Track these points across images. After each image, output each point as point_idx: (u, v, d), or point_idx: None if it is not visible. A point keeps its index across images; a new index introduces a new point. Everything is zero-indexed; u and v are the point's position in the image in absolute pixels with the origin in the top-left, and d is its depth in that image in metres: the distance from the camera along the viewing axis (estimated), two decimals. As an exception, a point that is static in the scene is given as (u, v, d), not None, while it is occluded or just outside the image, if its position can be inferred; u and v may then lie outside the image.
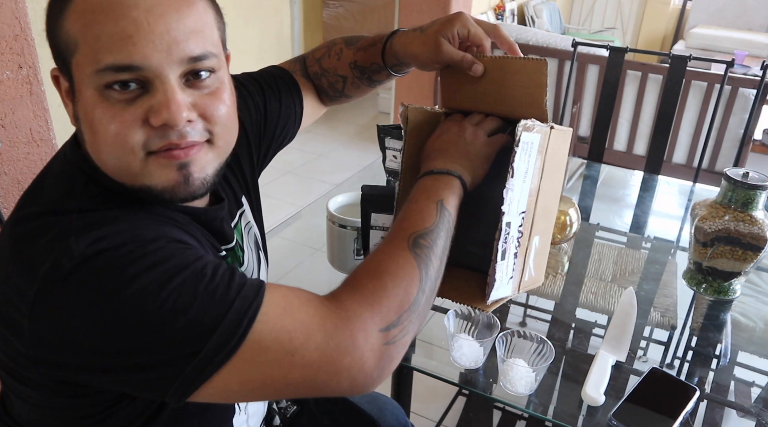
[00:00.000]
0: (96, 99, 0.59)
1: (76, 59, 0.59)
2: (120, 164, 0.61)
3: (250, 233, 0.87)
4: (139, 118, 0.59)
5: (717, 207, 1.12)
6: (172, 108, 0.58)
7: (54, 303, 0.56)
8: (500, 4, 4.60)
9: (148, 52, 0.57)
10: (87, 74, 0.58)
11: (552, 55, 3.18)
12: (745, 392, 1.01)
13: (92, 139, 0.61)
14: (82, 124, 0.62)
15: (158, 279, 0.55)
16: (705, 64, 3.45)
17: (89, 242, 0.56)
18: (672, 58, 1.86)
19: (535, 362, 0.92)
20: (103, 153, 0.61)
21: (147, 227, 0.61)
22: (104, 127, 0.59)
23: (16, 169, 1.31)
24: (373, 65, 0.92)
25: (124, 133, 0.59)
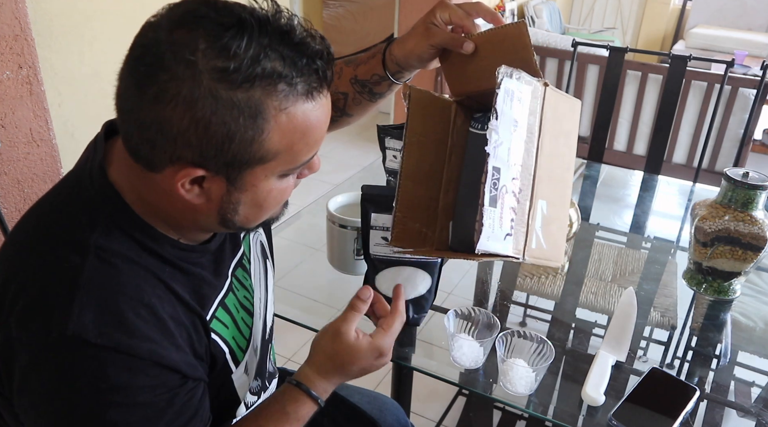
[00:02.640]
0: (275, 183, 0.65)
1: (266, 165, 0.61)
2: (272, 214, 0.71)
3: (257, 242, 0.88)
4: (296, 177, 0.69)
5: (717, 207, 1.12)
6: (317, 165, 0.70)
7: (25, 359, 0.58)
8: (500, 4, 4.60)
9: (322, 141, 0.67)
10: (274, 172, 0.63)
11: (552, 55, 3.18)
12: (745, 392, 1.01)
13: (255, 210, 0.66)
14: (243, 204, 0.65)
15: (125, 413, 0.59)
16: (705, 64, 3.45)
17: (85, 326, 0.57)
18: (672, 58, 1.86)
19: (535, 362, 0.92)
20: (263, 216, 0.69)
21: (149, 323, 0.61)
22: (278, 197, 0.67)
23: (16, 169, 1.31)
24: (374, 77, 0.94)
25: (289, 191, 0.69)
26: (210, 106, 0.55)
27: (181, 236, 0.69)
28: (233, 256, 0.79)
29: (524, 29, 0.81)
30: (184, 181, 0.60)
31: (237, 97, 0.55)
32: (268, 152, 0.60)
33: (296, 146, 0.61)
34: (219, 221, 0.66)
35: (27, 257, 0.62)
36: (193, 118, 0.55)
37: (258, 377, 0.87)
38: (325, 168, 1.16)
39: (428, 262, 1.00)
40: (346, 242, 1.13)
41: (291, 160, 0.62)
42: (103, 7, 1.77)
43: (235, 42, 0.54)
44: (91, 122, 1.90)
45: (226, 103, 0.55)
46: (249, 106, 0.56)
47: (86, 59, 1.76)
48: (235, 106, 0.55)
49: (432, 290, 1.03)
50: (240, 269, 0.80)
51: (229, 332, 0.75)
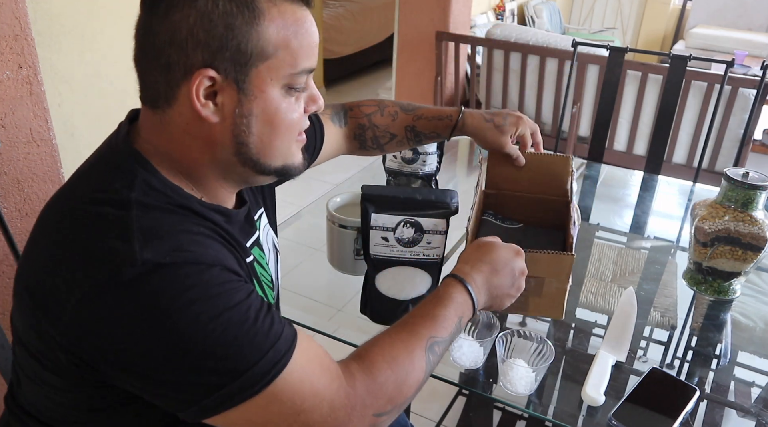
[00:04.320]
0: (282, 95, 0.68)
1: (268, 63, 0.66)
2: (286, 147, 0.72)
3: (268, 236, 0.90)
4: (302, 108, 0.72)
5: (717, 207, 1.12)
6: (320, 98, 0.74)
7: (105, 305, 0.59)
8: (500, 4, 4.61)
9: (317, 55, 0.71)
10: (280, 76, 0.67)
11: (552, 55, 3.18)
12: (745, 392, 1.01)
13: (267, 131, 0.69)
14: (254, 117, 0.68)
15: (210, 311, 0.60)
16: (705, 64, 3.45)
17: (152, 253, 0.60)
18: (672, 58, 1.86)
19: (535, 362, 0.92)
20: (277, 141, 0.70)
21: (204, 244, 0.65)
22: (288, 116, 0.70)
23: (16, 169, 1.31)
24: (433, 134, 1.13)
25: (299, 120, 0.72)
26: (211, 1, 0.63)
27: (204, 193, 0.72)
28: (250, 234, 0.81)
29: (570, 161, 1.13)
30: (199, 93, 0.64)
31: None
32: (268, 44, 0.65)
33: (292, 44, 0.66)
34: (236, 149, 0.69)
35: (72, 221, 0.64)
36: (198, 13, 0.63)
37: None
38: (325, 168, 1.16)
39: (428, 262, 1.00)
40: (346, 242, 1.13)
41: (291, 61, 0.67)
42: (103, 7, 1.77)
43: None
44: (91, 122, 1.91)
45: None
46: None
47: (86, 59, 1.76)
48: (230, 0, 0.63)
49: (432, 290, 1.03)
50: (256, 248, 0.82)
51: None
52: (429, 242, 0.98)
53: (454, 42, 3.47)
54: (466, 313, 0.81)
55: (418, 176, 1.28)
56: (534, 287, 0.99)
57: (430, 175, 1.29)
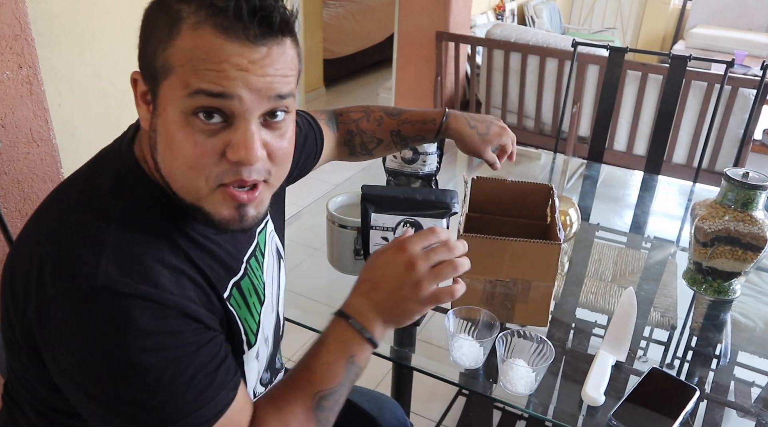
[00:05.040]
0: (181, 122, 0.61)
1: (169, 80, 0.61)
2: (189, 186, 0.64)
3: (272, 242, 0.90)
4: (218, 151, 0.62)
5: (717, 207, 1.12)
6: (252, 148, 0.62)
7: (59, 313, 0.60)
8: (500, 4, 4.60)
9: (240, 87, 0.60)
10: (174, 95, 0.61)
11: (552, 55, 3.18)
12: (745, 392, 1.01)
13: (167, 155, 0.64)
14: (159, 136, 0.64)
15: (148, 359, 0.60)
16: (705, 64, 3.45)
17: (116, 277, 0.60)
18: (672, 58, 1.86)
19: (535, 362, 0.92)
20: (176, 170, 0.64)
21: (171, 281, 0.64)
22: (184, 150, 0.62)
23: (16, 169, 1.31)
24: (418, 137, 1.14)
25: (203, 162, 0.62)
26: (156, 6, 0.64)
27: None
28: (248, 245, 0.81)
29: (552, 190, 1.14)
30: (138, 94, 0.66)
31: (173, 5, 0.62)
32: (168, 62, 0.61)
33: (188, 64, 0.60)
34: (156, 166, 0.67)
35: (56, 223, 0.65)
36: (145, 14, 0.64)
37: (268, 369, 0.88)
38: (325, 168, 1.16)
39: (428, 262, 1.00)
40: (346, 242, 1.13)
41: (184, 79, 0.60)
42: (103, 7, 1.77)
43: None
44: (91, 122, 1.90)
45: (162, 7, 0.62)
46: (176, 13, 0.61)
47: (86, 59, 1.76)
48: (167, 12, 0.62)
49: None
50: (253, 259, 0.81)
51: (241, 313, 0.76)
52: (429, 242, 0.98)
53: (454, 42, 3.47)
54: (358, 349, 0.72)
55: (418, 176, 1.28)
56: (520, 293, 1.00)
57: (430, 175, 1.29)
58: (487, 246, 0.98)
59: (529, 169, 2.04)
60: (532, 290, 1.00)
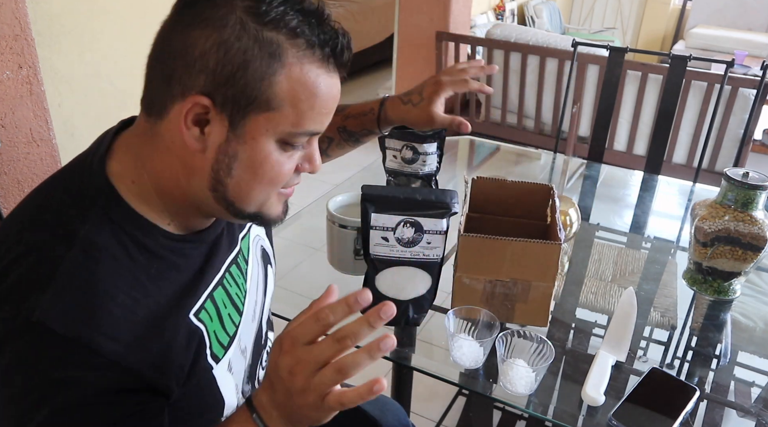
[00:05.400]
0: (274, 148, 0.65)
1: (270, 115, 0.63)
2: (263, 198, 0.69)
3: (258, 246, 0.88)
4: (295, 165, 0.69)
5: (717, 207, 1.12)
6: (318, 161, 0.71)
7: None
8: (500, 4, 4.60)
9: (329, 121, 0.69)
10: (278, 131, 0.64)
11: (552, 55, 3.18)
12: (745, 392, 1.01)
13: (248, 177, 0.66)
14: (237, 161, 0.64)
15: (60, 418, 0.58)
16: (705, 64, 3.45)
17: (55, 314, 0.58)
18: (672, 58, 1.86)
19: (535, 362, 0.92)
20: (255, 190, 0.67)
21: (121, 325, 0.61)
22: (274, 170, 0.66)
23: (16, 169, 1.31)
24: (364, 131, 1.07)
25: (286, 175, 0.68)
26: (236, 33, 0.60)
27: (173, 219, 0.69)
28: (229, 252, 0.79)
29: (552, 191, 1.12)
30: (188, 116, 0.62)
31: (262, 33, 0.60)
32: (275, 97, 0.62)
33: (302, 105, 0.63)
34: (211, 184, 0.65)
35: (15, 243, 0.62)
36: (218, 40, 0.60)
37: (250, 381, 0.85)
38: (325, 168, 1.16)
39: (428, 262, 1.00)
40: (346, 242, 1.13)
41: (294, 120, 0.64)
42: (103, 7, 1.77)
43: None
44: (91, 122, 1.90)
45: (250, 35, 0.60)
46: (270, 44, 0.60)
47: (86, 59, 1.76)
48: (257, 41, 0.60)
49: (432, 290, 1.03)
50: (234, 267, 0.80)
51: (212, 326, 0.73)
52: (429, 242, 0.98)
53: (454, 42, 3.47)
54: None
55: (418, 176, 1.28)
56: (520, 293, 1.00)
57: (430, 175, 1.28)
58: (487, 246, 0.98)
59: (529, 169, 2.04)
60: (532, 290, 1.00)
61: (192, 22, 0.60)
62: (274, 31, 0.60)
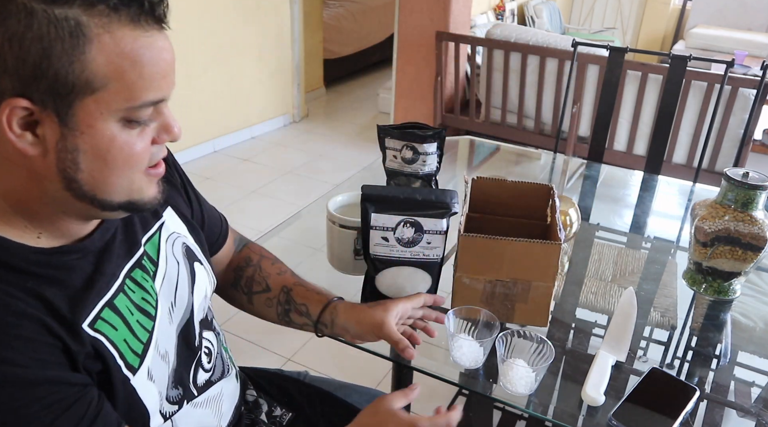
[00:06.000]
0: (117, 130, 0.60)
1: (97, 96, 0.58)
2: (127, 184, 0.64)
3: (176, 245, 0.83)
4: (150, 139, 0.64)
5: (717, 207, 1.12)
6: (177, 126, 0.65)
7: None
8: (500, 4, 4.61)
9: (170, 84, 0.63)
10: (113, 109, 0.59)
11: (552, 55, 3.18)
12: (745, 392, 1.01)
13: (100, 167, 0.61)
14: (83, 153, 0.60)
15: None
16: (705, 64, 3.45)
17: None
18: (672, 58, 1.86)
19: (535, 362, 0.92)
20: (113, 177, 0.62)
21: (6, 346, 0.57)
22: (124, 152, 0.61)
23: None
24: (302, 307, 0.97)
25: (142, 158, 0.63)
26: (24, 21, 0.54)
27: (42, 231, 0.65)
28: (128, 257, 0.74)
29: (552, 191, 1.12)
30: (11, 123, 0.56)
31: (54, 12, 0.54)
32: (95, 77, 0.57)
33: (128, 76, 0.58)
34: (65, 184, 0.61)
35: None
36: (7, 34, 0.54)
37: (179, 386, 0.80)
38: (325, 168, 1.16)
39: (428, 262, 1.00)
40: (346, 242, 1.13)
41: (127, 94, 0.59)
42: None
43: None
44: (91, 122, 1.89)
45: (41, 19, 0.54)
46: (67, 21, 0.55)
47: (86, 59, 1.75)
48: (51, 22, 0.54)
49: (432, 290, 1.03)
50: (138, 271, 0.75)
51: (118, 335, 0.69)
52: (429, 242, 0.98)
53: (454, 42, 3.47)
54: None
55: (418, 176, 1.28)
56: (520, 293, 1.00)
57: (430, 175, 1.28)
58: (487, 246, 0.98)
59: (529, 169, 2.04)
60: (532, 290, 1.00)
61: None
62: (66, 6, 0.55)
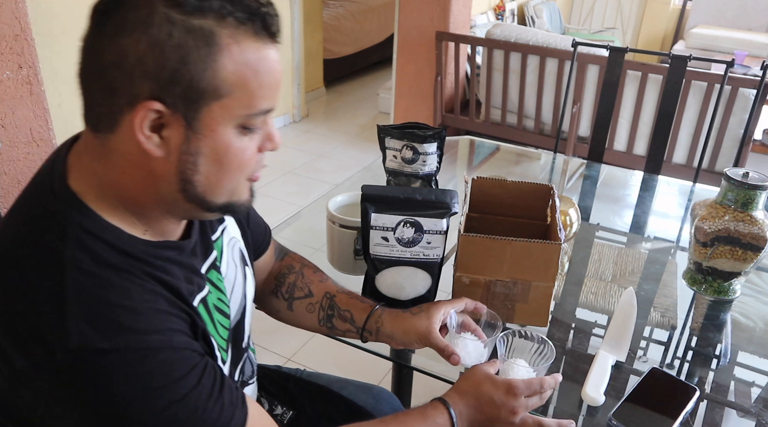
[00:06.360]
0: (234, 135, 0.64)
1: (222, 102, 0.62)
2: (233, 186, 0.68)
3: (235, 249, 0.86)
4: (257, 147, 0.68)
5: (717, 207, 1.12)
6: (278, 137, 0.70)
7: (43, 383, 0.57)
8: (500, 4, 4.61)
9: (278, 95, 0.68)
10: (234, 116, 0.63)
11: (552, 55, 3.18)
12: (745, 392, 1.01)
13: (216, 170, 0.65)
14: (203, 156, 0.64)
15: (154, 406, 0.59)
16: (705, 64, 3.45)
17: (90, 333, 0.57)
18: (672, 58, 1.86)
19: (536, 362, 0.92)
20: (225, 180, 0.67)
21: (149, 317, 0.61)
22: (238, 156, 0.66)
23: (16, 169, 1.31)
24: (346, 313, 0.96)
25: (251, 159, 0.68)
26: (165, 29, 0.58)
27: (148, 226, 0.68)
28: (205, 258, 0.78)
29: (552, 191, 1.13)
30: (144, 125, 0.60)
31: (191, 22, 0.59)
32: (223, 83, 0.61)
33: (251, 84, 0.62)
34: (180, 186, 0.65)
35: (6, 284, 0.60)
36: (149, 41, 0.58)
37: None
38: (325, 168, 1.16)
39: (428, 262, 1.00)
40: (346, 242, 1.13)
41: (247, 102, 0.63)
42: (103, 7, 1.76)
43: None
44: (91, 122, 1.90)
45: (180, 27, 0.58)
46: (203, 31, 0.59)
47: (86, 59, 1.76)
48: (189, 31, 0.58)
49: (432, 290, 1.03)
50: (213, 271, 0.79)
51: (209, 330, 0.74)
52: (429, 241, 0.98)
53: (454, 42, 3.47)
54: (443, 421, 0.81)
55: (418, 176, 1.28)
56: (520, 293, 1.00)
57: (430, 175, 1.29)
58: (487, 246, 0.98)
59: (529, 169, 2.04)
60: (532, 290, 1.00)
61: (117, 30, 0.58)
62: (201, 18, 0.59)
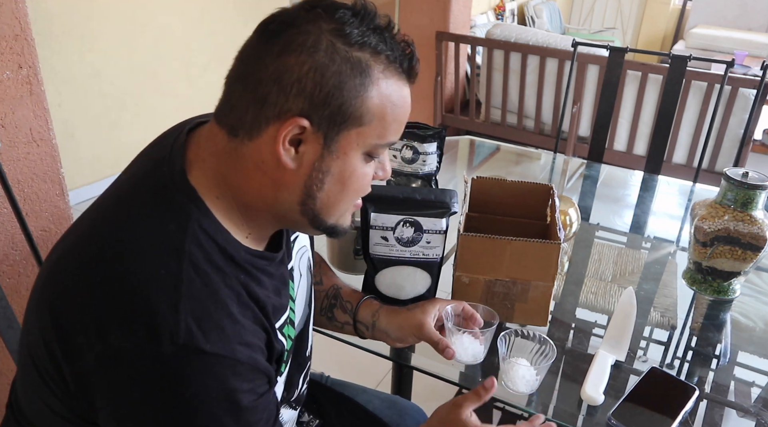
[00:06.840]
0: (360, 160, 0.69)
1: (361, 129, 0.66)
2: (345, 208, 0.72)
3: (303, 257, 0.88)
4: (372, 174, 0.73)
5: (717, 207, 1.12)
6: (389, 166, 0.76)
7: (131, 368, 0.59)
8: (500, 4, 4.61)
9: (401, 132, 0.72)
10: (366, 143, 0.67)
11: (552, 55, 3.18)
12: (745, 392, 1.01)
13: (337, 189, 0.69)
14: (330, 175, 0.67)
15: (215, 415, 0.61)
16: (705, 64, 3.45)
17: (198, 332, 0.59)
18: (672, 58, 1.86)
19: (537, 362, 0.92)
20: (342, 201, 0.71)
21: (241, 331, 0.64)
22: (359, 181, 0.70)
23: (16, 169, 1.31)
24: (348, 304, 1.00)
25: (367, 187, 0.73)
26: (329, 55, 0.63)
27: (251, 231, 0.71)
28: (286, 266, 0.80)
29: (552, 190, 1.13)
30: (286, 138, 0.64)
31: (352, 53, 0.64)
32: (367, 112, 0.65)
33: (388, 117, 0.67)
34: (302, 198, 0.68)
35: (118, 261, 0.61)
36: (313, 64, 0.62)
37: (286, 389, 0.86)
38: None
39: (428, 261, 1.00)
40: (346, 242, 1.13)
41: (381, 132, 0.67)
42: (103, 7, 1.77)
43: (347, 16, 0.65)
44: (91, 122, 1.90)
45: (341, 56, 0.63)
46: (360, 63, 0.64)
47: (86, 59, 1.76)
48: (348, 61, 0.63)
49: (432, 290, 1.03)
50: (290, 281, 0.81)
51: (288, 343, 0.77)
52: (429, 241, 0.99)
53: (454, 42, 3.47)
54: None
55: (418, 176, 1.28)
56: (520, 293, 1.00)
57: (430, 175, 1.29)
58: (487, 246, 0.98)
59: (529, 169, 2.04)
60: (532, 289, 1.00)
61: (284, 49, 0.63)
62: (360, 51, 0.64)
